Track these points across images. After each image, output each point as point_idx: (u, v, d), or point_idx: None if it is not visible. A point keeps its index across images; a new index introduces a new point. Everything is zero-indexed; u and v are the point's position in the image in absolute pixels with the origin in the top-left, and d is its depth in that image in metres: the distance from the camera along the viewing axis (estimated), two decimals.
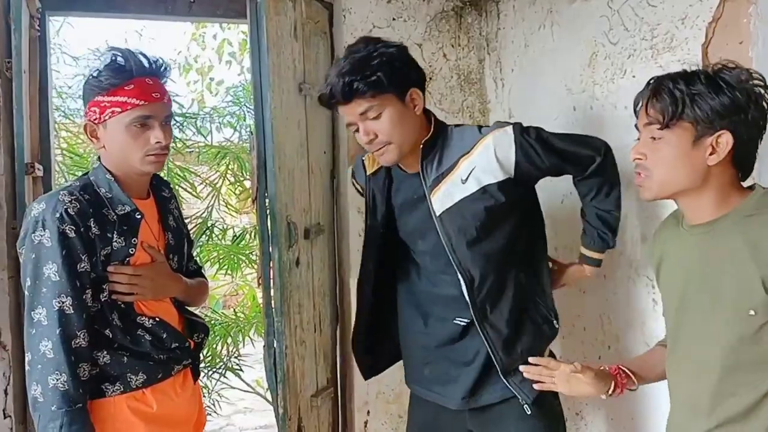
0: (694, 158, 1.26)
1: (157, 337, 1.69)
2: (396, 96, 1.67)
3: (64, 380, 1.50)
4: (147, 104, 1.62)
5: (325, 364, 2.70)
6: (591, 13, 2.14)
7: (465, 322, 1.78)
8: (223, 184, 3.51)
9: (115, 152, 1.65)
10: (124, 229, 1.64)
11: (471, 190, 1.70)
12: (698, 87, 1.24)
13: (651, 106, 1.29)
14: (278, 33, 2.36)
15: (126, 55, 1.63)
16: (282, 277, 2.33)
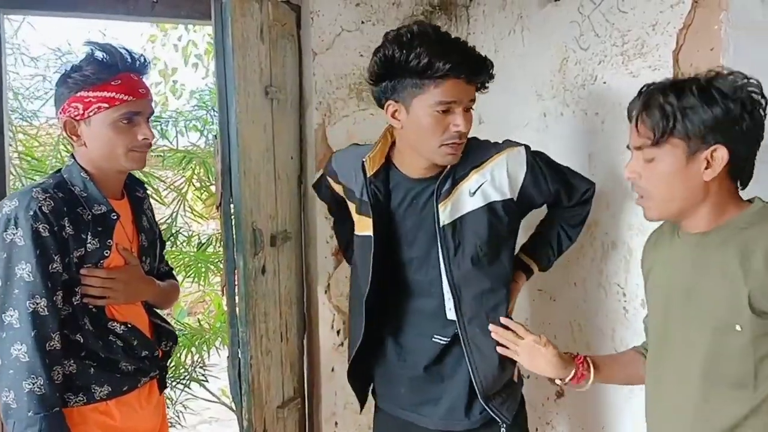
0: (690, 175, 1.22)
1: (129, 344, 1.64)
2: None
3: (41, 384, 1.46)
4: (135, 100, 1.59)
5: (291, 374, 2.64)
6: (561, 19, 2.13)
7: (445, 340, 1.73)
8: (188, 189, 3.42)
9: (97, 149, 1.60)
10: (99, 230, 1.59)
11: (477, 204, 1.67)
12: (689, 100, 1.19)
13: (641, 122, 1.25)
14: (244, 35, 2.30)
15: (110, 50, 1.59)
16: (247, 286, 2.26)
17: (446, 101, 1.55)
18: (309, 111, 2.68)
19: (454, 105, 1.56)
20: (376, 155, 1.72)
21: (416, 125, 1.59)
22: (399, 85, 1.58)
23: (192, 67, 5.37)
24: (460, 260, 1.67)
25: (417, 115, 1.58)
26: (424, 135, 1.59)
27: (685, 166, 1.22)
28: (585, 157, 2.04)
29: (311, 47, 2.62)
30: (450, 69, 1.52)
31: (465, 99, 1.57)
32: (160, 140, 3.47)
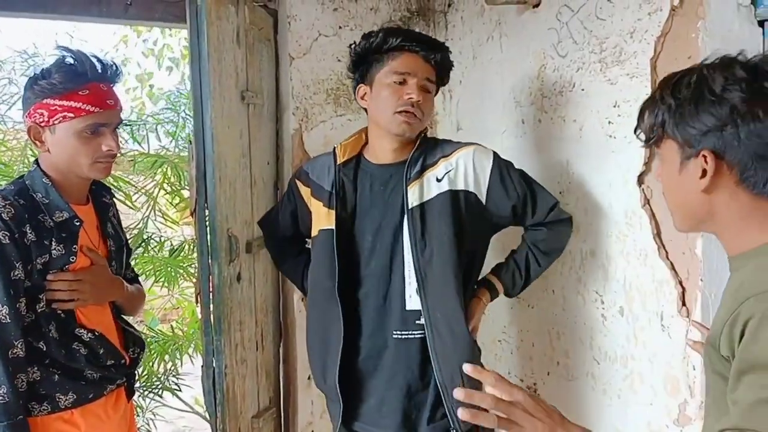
0: (685, 184, 1.07)
1: (94, 352, 1.61)
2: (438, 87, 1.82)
3: (4, 392, 1.44)
4: (102, 111, 1.56)
5: (267, 384, 2.60)
6: (540, 25, 2.13)
7: (405, 334, 1.73)
8: (159, 194, 3.36)
9: (60, 157, 1.57)
10: (63, 236, 1.56)
11: (442, 189, 1.74)
12: (683, 95, 1.04)
13: (642, 118, 1.13)
14: (220, 38, 2.26)
15: (80, 58, 1.56)
16: (222, 293, 2.22)
17: (401, 71, 1.71)
18: (286, 116, 2.65)
19: (408, 76, 1.71)
20: (349, 144, 1.85)
21: (377, 98, 1.75)
22: (367, 69, 1.77)
23: (166, 71, 5.31)
24: (425, 244, 1.72)
25: (378, 88, 1.74)
26: (382, 104, 1.73)
27: (678, 173, 1.07)
28: (563, 164, 2.04)
29: (288, 52, 2.59)
30: (403, 41, 1.72)
31: (420, 73, 1.72)
32: (130, 144, 3.40)
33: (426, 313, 1.71)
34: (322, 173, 1.85)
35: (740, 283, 1.02)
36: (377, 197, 1.78)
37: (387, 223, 1.75)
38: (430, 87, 1.76)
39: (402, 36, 1.73)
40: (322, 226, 1.81)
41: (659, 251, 1.71)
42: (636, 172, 1.76)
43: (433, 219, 1.72)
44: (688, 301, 1.65)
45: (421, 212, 1.72)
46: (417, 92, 1.70)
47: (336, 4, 2.64)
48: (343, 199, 1.79)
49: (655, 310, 1.74)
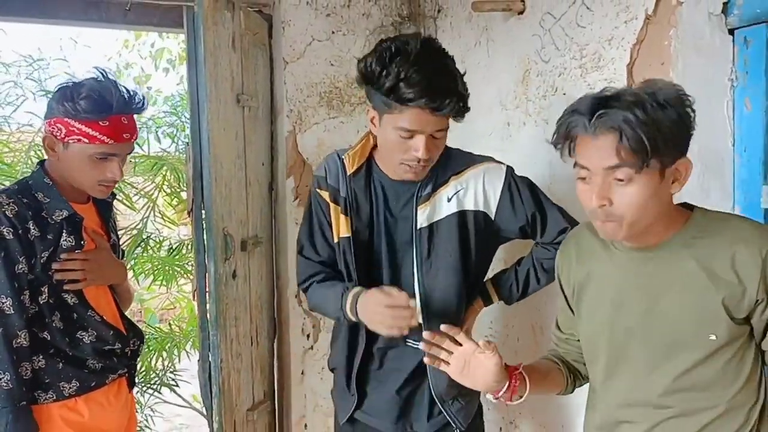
0: (662, 192, 1.20)
1: (101, 337, 1.70)
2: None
3: (8, 379, 1.53)
4: (116, 144, 1.64)
5: (261, 378, 2.68)
6: (524, 32, 2.21)
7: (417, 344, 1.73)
8: (159, 195, 3.44)
9: (67, 170, 1.67)
10: (70, 229, 1.66)
11: (451, 210, 1.72)
12: (657, 114, 1.14)
13: (622, 145, 1.14)
14: (216, 43, 2.34)
15: (109, 89, 1.63)
16: (218, 290, 2.30)
17: (408, 129, 1.58)
18: (280, 118, 2.72)
19: (417, 133, 1.58)
20: (357, 153, 1.76)
21: (384, 138, 1.65)
22: (374, 96, 1.62)
23: (163, 72, 5.39)
24: (431, 264, 1.73)
25: (385, 130, 1.63)
26: (388, 149, 1.66)
27: (659, 184, 1.18)
28: (546, 165, 2.12)
29: (282, 56, 2.67)
30: (412, 99, 1.53)
31: (429, 128, 1.58)
32: None
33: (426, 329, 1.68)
34: (337, 177, 1.78)
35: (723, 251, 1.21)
36: (390, 212, 1.76)
37: (396, 240, 1.76)
38: (440, 135, 1.63)
39: (413, 90, 1.52)
40: (342, 233, 1.77)
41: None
42: None
43: (440, 240, 1.73)
44: None
45: (429, 233, 1.72)
46: (424, 150, 1.59)
47: (329, 9, 2.72)
48: (358, 209, 1.76)
49: None
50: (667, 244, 1.26)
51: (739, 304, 1.21)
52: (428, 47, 1.62)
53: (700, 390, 1.26)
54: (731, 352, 1.24)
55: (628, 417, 1.35)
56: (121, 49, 5.50)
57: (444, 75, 1.61)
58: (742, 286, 1.20)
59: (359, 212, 1.76)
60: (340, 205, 1.77)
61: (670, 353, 1.27)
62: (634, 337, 1.31)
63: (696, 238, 1.24)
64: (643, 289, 1.29)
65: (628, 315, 1.31)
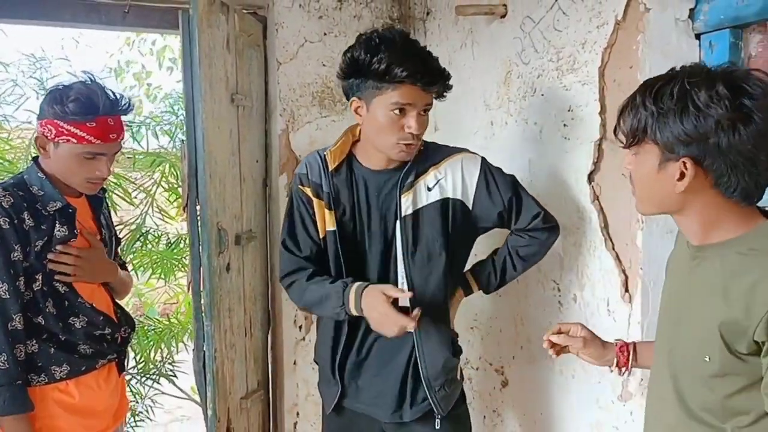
0: (662, 182, 1.17)
1: (92, 322, 1.80)
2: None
3: (4, 359, 1.64)
4: (103, 144, 1.74)
5: (255, 367, 2.77)
6: (506, 35, 2.29)
7: None
8: (157, 190, 3.53)
9: (57, 168, 1.77)
10: (63, 220, 1.75)
11: (433, 198, 1.80)
12: (666, 104, 1.12)
13: (622, 121, 1.21)
14: (211, 45, 2.42)
15: (95, 93, 1.73)
16: (212, 282, 2.38)
17: (402, 103, 1.68)
18: (273, 117, 2.81)
19: (408, 108, 1.69)
20: (337, 150, 1.83)
21: (374, 122, 1.73)
22: (362, 85, 1.72)
23: (167, 71, 5.48)
24: (416, 251, 1.80)
25: (375, 113, 1.71)
26: (381, 132, 1.73)
27: (656, 172, 1.17)
28: (525, 162, 2.20)
29: (276, 57, 2.76)
30: (407, 76, 1.65)
31: (420, 103, 1.70)
32: (131, 143, 3.57)
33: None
34: (318, 174, 1.85)
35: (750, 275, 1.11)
36: (373, 203, 1.83)
37: (382, 229, 1.82)
38: (427, 112, 1.75)
39: (407, 68, 1.64)
40: (327, 227, 1.84)
41: (606, 243, 1.88)
42: (586, 171, 1.93)
43: (425, 227, 1.80)
44: (630, 288, 1.82)
45: (413, 220, 1.79)
46: (416, 125, 1.69)
47: (321, 12, 2.81)
48: (340, 203, 1.82)
49: (603, 296, 1.91)
50: (711, 248, 1.20)
51: (736, 335, 1.12)
52: (407, 36, 1.78)
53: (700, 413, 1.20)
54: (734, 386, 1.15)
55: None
56: (123, 47, 5.59)
57: (429, 56, 1.76)
58: (746, 317, 1.10)
59: (342, 206, 1.82)
60: (324, 200, 1.83)
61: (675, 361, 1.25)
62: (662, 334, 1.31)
63: (743, 254, 1.15)
64: (683, 288, 1.27)
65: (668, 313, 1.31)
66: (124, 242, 3.53)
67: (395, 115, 1.69)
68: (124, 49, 5.62)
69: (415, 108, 1.69)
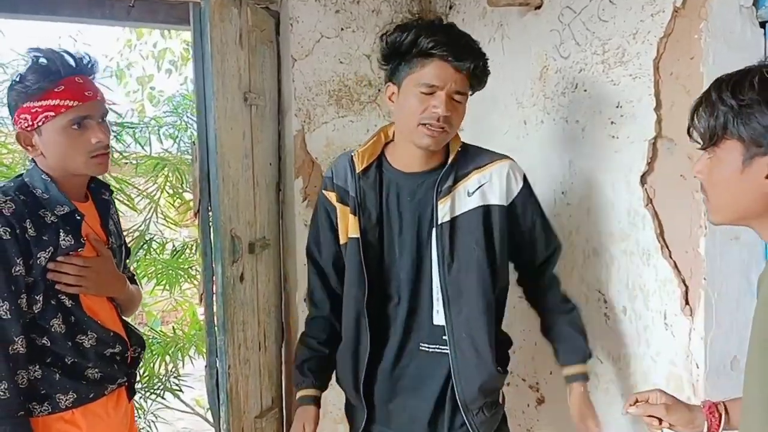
0: (748, 182, 1.05)
1: (102, 340, 1.61)
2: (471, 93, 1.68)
3: (4, 388, 1.44)
4: (81, 104, 1.55)
5: (269, 384, 2.61)
6: (541, 28, 2.14)
7: (432, 348, 1.71)
8: (161, 196, 3.37)
9: (54, 158, 1.57)
10: (68, 228, 1.56)
11: (474, 204, 1.66)
12: (748, 96, 1.03)
13: (697, 120, 1.11)
14: (223, 40, 2.27)
15: (49, 56, 1.55)
16: (225, 294, 2.23)
17: (430, 83, 1.57)
18: (288, 117, 2.66)
19: (437, 88, 1.57)
20: (367, 150, 1.70)
21: (403, 104, 1.62)
22: (396, 68, 1.63)
23: (165, 73, 5.33)
24: (453, 260, 1.65)
25: (405, 94, 1.61)
26: (407, 113, 1.61)
27: (741, 171, 1.06)
28: (565, 164, 2.05)
29: (290, 53, 2.61)
30: (433, 46, 1.55)
31: (450, 85, 1.57)
32: (133, 147, 3.41)
33: (450, 331, 1.67)
34: (345, 177, 1.72)
35: None
36: (405, 208, 1.68)
37: (415, 236, 1.68)
38: (461, 98, 1.61)
39: (434, 39, 1.55)
40: (350, 233, 1.70)
41: (662, 250, 1.72)
42: (639, 172, 1.77)
43: (463, 235, 1.66)
44: (691, 300, 1.66)
45: (451, 228, 1.65)
46: (444, 106, 1.56)
47: (338, 5, 2.66)
48: (366, 209, 1.69)
49: (659, 309, 1.75)
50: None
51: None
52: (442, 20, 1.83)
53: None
54: None
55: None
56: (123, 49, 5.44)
57: (463, 35, 1.65)
58: None
59: (368, 212, 1.69)
60: (349, 205, 1.70)
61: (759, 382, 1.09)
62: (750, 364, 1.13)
63: None
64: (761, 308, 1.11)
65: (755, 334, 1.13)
66: None
67: (423, 95, 1.58)
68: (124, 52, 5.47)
69: (445, 89, 1.57)
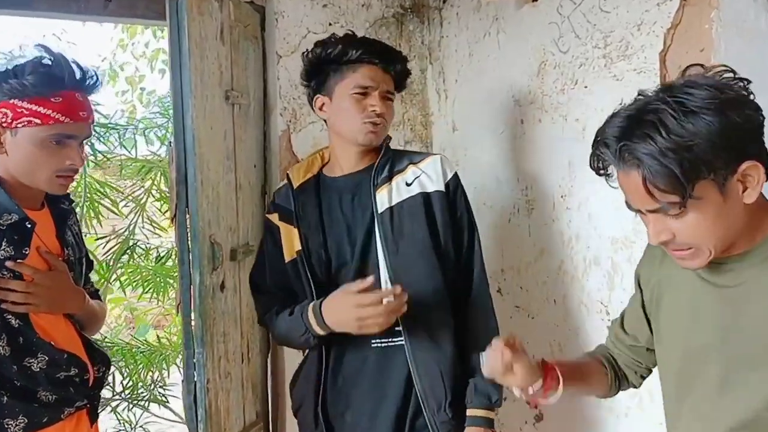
0: (731, 207, 1.00)
1: (54, 362, 1.45)
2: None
3: None
4: (72, 123, 1.43)
5: (253, 397, 2.47)
6: (539, 20, 2.01)
7: (385, 342, 1.63)
8: (147, 200, 3.24)
9: (18, 163, 1.45)
10: (15, 238, 1.42)
11: (413, 192, 1.69)
12: (686, 127, 0.96)
13: (651, 185, 0.98)
14: (202, 35, 2.14)
15: (59, 62, 1.43)
16: (204, 304, 2.09)
17: (362, 85, 1.66)
18: (273, 117, 2.53)
19: (370, 89, 1.67)
20: (302, 166, 1.80)
21: (338, 110, 1.69)
22: (324, 79, 1.71)
23: (159, 73, 5.21)
24: (398, 244, 1.65)
25: (339, 100, 1.68)
26: (347, 116, 1.68)
27: (723, 203, 0.99)
28: (565, 166, 1.92)
29: (276, 50, 2.48)
30: (363, 53, 1.66)
31: (381, 84, 1.68)
32: (118, 149, 3.29)
33: (401, 319, 1.61)
34: (286, 197, 1.77)
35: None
36: (347, 207, 1.72)
37: (358, 230, 1.69)
38: (391, 96, 1.72)
39: (362, 48, 1.67)
40: (294, 248, 1.72)
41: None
42: None
43: (404, 221, 1.67)
44: None
45: (391, 215, 1.67)
46: (380, 104, 1.66)
47: (325, 0, 2.53)
48: (306, 219, 1.72)
49: None
50: (753, 252, 1.06)
51: None
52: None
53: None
54: None
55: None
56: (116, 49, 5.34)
57: (383, 43, 1.79)
58: None
59: (307, 221, 1.72)
60: (291, 222, 1.73)
61: (747, 376, 1.06)
62: (709, 354, 1.11)
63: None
64: (723, 301, 1.09)
65: (704, 330, 1.12)
66: (111, 256, 3.24)
67: (358, 97, 1.67)
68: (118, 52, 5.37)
69: (377, 90, 1.67)
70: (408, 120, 2.69)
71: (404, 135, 2.67)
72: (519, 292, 2.11)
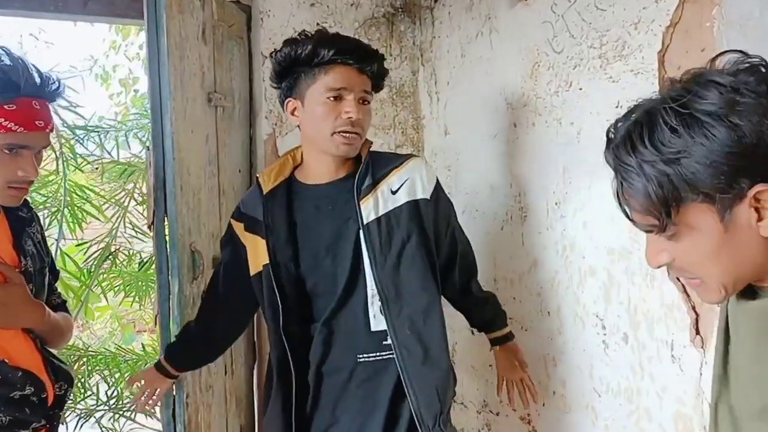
0: (741, 239, 0.81)
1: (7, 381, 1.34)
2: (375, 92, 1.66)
3: None
4: (27, 133, 1.32)
5: (237, 410, 2.38)
6: (532, 20, 1.93)
7: (373, 356, 1.56)
8: (129, 204, 3.15)
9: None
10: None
11: (400, 201, 1.60)
12: (678, 138, 0.80)
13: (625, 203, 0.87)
14: (182, 34, 2.06)
15: (16, 66, 1.31)
16: (183, 315, 2.01)
17: (336, 87, 1.54)
18: (258, 120, 2.44)
19: (344, 92, 1.55)
20: (273, 170, 1.66)
21: (311, 115, 1.57)
22: (295, 82, 1.59)
23: None
24: (386, 257, 1.56)
25: (311, 105, 1.56)
26: (318, 123, 1.56)
27: (724, 231, 0.81)
28: (559, 171, 1.84)
29: (261, 50, 2.39)
30: (335, 54, 1.53)
31: (356, 87, 1.56)
32: (97, 152, 3.19)
33: (392, 332, 1.53)
34: (254, 204, 1.66)
35: None
36: (326, 217, 1.60)
37: (342, 243, 1.58)
38: (368, 98, 1.60)
39: (334, 48, 1.54)
40: (261, 261, 1.61)
41: (668, 272, 1.50)
42: None
43: (392, 231, 1.58)
44: (702, 329, 1.44)
45: (378, 226, 1.57)
46: (356, 109, 1.54)
47: None
48: (276, 230, 1.61)
49: (665, 338, 1.53)
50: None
51: None
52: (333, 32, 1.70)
53: None
54: None
55: None
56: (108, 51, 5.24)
57: (357, 40, 1.69)
58: None
59: (277, 233, 1.61)
60: (259, 233, 1.62)
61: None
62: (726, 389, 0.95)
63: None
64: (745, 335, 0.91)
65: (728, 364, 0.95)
66: (92, 261, 3.15)
67: (331, 101, 1.54)
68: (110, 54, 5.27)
69: (352, 92, 1.55)
70: (399, 123, 2.60)
71: (395, 139, 2.59)
72: (512, 303, 2.03)
